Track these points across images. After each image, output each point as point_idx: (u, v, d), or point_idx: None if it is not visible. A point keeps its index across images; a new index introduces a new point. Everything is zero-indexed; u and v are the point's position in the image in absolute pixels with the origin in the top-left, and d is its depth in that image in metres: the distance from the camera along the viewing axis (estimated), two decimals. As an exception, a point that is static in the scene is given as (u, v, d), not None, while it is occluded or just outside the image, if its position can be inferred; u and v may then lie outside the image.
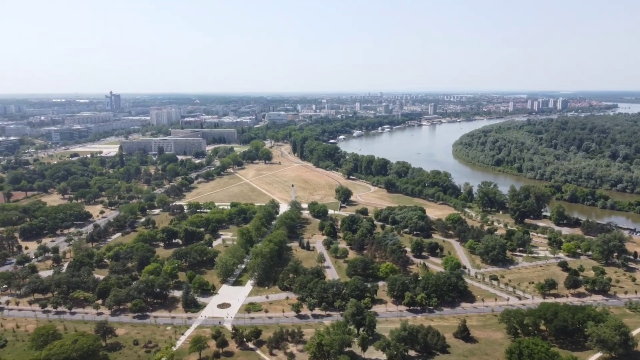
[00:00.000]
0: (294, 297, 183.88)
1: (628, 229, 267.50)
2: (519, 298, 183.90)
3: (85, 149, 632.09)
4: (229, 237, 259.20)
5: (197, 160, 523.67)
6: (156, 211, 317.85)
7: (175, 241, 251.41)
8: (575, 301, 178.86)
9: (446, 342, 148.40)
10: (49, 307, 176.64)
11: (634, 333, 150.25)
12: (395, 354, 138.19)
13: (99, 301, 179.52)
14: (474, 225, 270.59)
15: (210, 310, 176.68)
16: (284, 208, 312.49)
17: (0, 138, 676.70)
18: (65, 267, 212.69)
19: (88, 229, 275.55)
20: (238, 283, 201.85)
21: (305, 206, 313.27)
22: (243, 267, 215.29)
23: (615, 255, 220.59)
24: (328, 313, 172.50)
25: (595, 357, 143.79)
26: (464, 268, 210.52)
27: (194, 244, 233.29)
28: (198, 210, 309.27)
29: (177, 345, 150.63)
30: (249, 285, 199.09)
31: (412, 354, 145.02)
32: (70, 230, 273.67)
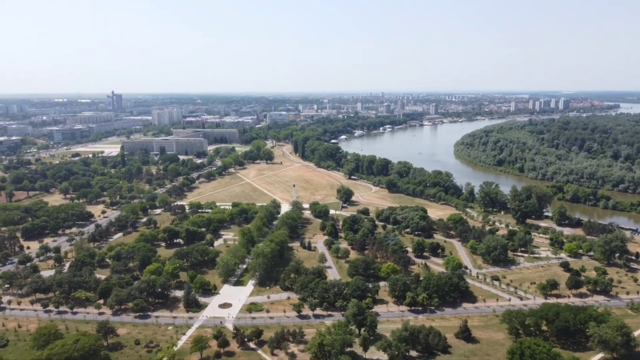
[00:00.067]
0: (295, 297, 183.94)
1: (630, 229, 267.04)
2: (521, 298, 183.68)
3: (86, 149, 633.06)
4: (231, 237, 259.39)
5: (199, 160, 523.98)
6: (158, 211, 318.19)
7: (177, 241, 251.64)
8: (577, 302, 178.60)
9: (447, 343, 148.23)
10: (51, 307, 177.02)
11: (636, 334, 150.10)
12: (396, 354, 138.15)
13: (101, 301, 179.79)
14: (476, 225, 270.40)
15: (212, 310, 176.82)
16: (285, 208, 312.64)
17: (2, 138, 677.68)
18: (66, 267, 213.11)
19: (90, 228, 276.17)
20: (239, 283, 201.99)
21: (306, 206, 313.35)
22: (244, 267, 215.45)
23: (617, 255, 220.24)
24: (329, 313, 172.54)
25: (596, 358, 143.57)
26: (466, 268, 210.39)
27: (195, 244, 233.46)
28: (199, 210, 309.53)
29: (179, 345, 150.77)
30: (251, 285, 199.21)
31: (414, 355, 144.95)
32: (72, 230, 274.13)
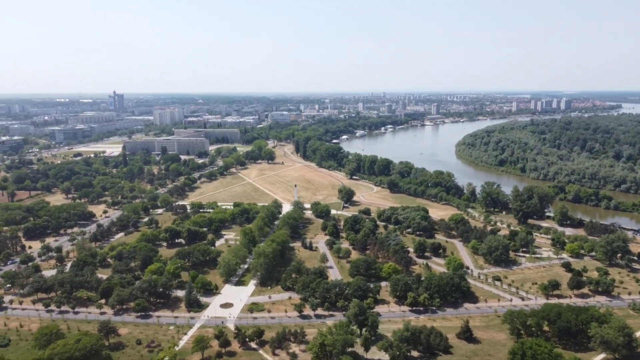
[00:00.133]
0: (296, 297, 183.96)
1: (632, 229, 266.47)
2: (522, 299, 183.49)
3: (88, 149, 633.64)
4: (232, 237, 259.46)
5: (200, 160, 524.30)
6: (159, 211, 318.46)
7: (178, 241, 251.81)
8: (579, 302, 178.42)
9: (449, 343, 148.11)
10: (52, 307, 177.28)
11: (638, 334, 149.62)
12: (397, 354, 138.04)
13: (102, 301, 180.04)
14: (477, 225, 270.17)
15: (213, 310, 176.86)
16: (286, 208, 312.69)
17: (4, 138, 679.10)
18: (68, 267, 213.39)
19: (91, 228, 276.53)
20: (241, 283, 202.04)
21: (308, 206, 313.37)
22: (246, 267, 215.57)
23: (619, 256, 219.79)
24: (331, 313, 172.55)
25: (598, 358, 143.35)
26: (467, 268, 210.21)
27: (196, 244, 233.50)
28: (201, 210, 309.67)
29: (180, 345, 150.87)
30: (252, 285, 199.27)
31: (415, 355, 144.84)
32: (74, 230, 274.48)
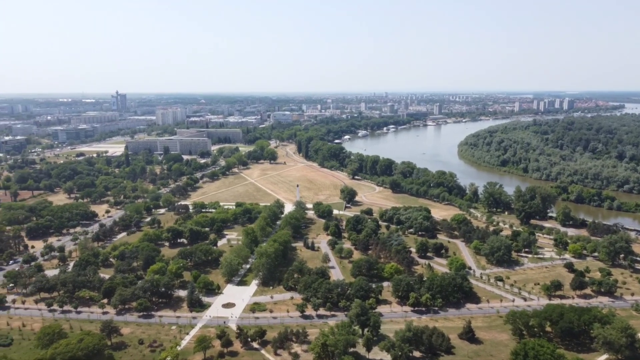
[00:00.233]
0: (298, 297, 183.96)
1: (635, 230, 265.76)
2: (525, 299, 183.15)
3: (91, 149, 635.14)
4: (234, 237, 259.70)
5: (203, 160, 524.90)
6: (161, 211, 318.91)
7: (181, 241, 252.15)
8: (581, 303, 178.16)
9: (451, 343, 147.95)
10: (55, 306, 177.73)
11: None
12: (399, 354, 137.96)
13: (105, 300, 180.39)
14: (479, 226, 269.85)
15: (215, 310, 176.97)
16: (288, 208, 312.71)
17: (7, 137, 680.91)
18: (71, 266, 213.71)
19: (94, 228, 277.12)
20: (243, 283, 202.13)
21: (310, 206, 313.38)
22: (248, 267, 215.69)
23: (622, 256, 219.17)
24: (333, 313, 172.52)
25: (601, 359, 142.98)
26: (469, 269, 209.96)
27: (199, 244, 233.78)
28: (203, 210, 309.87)
29: (182, 345, 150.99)
30: (254, 285, 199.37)
31: (417, 355, 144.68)
32: (76, 230, 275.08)
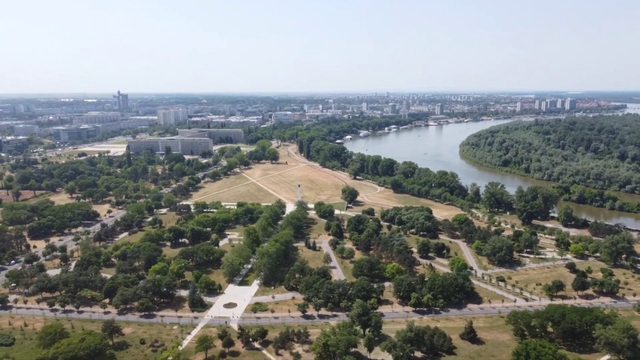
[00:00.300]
0: (300, 297, 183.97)
1: (637, 230, 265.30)
2: (526, 299, 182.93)
3: (93, 149, 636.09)
4: (236, 237, 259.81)
5: (204, 160, 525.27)
6: (163, 211, 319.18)
7: (182, 241, 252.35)
8: (583, 303, 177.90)
9: (452, 344, 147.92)
10: (57, 306, 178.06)
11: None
12: (401, 355, 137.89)
13: (106, 300, 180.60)
14: (481, 226, 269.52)
15: (217, 309, 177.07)
16: (290, 208, 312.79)
17: (9, 137, 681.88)
18: (72, 266, 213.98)
19: (95, 228, 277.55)
20: (244, 283, 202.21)
21: (311, 206, 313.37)
22: (249, 267, 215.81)
23: (624, 257, 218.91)
24: (334, 313, 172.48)
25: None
26: (471, 269, 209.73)
27: (200, 244, 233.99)
28: (205, 210, 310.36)
29: (184, 345, 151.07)
30: (255, 285, 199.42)
31: (418, 355, 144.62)
32: (78, 230, 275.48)
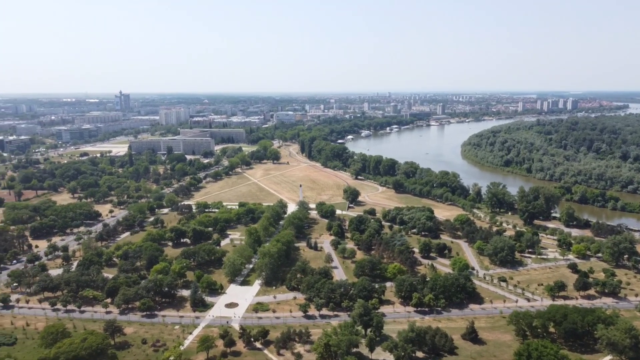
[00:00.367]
0: (301, 297, 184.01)
1: (639, 230, 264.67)
2: (528, 300, 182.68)
3: (94, 149, 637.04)
4: (237, 237, 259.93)
5: (206, 160, 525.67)
6: (165, 210, 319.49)
7: (184, 240, 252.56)
8: (585, 303, 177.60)
9: (454, 344, 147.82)
10: (59, 306, 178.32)
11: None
12: (402, 355, 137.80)
13: (108, 300, 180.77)
14: (483, 226, 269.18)
15: (218, 309, 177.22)
16: (291, 208, 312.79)
17: (12, 137, 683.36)
18: (74, 266, 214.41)
19: (97, 228, 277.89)
20: (246, 283, 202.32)
21: (313, 206, 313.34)
22: (251, 267, 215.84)
23: (626, 257, 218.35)
24: (335, 313, 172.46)
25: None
26: (472, 269, 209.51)
27: (202, 244, 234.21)
28: (206, 210, 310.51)
29: (185, 345, 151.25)
30: (257, 285, 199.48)
31: (420, 356, 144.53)
32: (80, 229, 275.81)
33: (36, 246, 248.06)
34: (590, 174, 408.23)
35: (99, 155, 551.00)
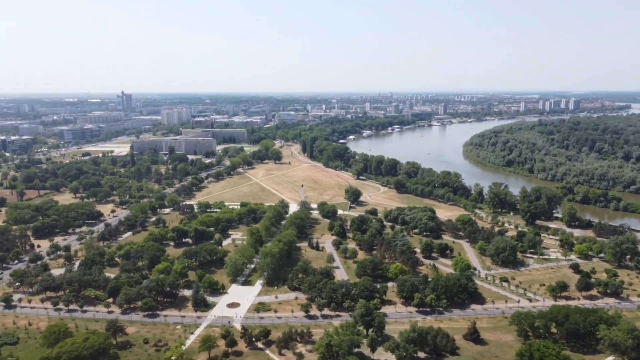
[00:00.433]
0: (303, 297, 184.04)
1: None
2: (530, 300, 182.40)
3: (96, 148, 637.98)
4: (239, 237, 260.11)
5: (208, 160, 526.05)
6: (166, 210, 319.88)
7: (186, 240, 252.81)
8: (587, 304, 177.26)
9: (456, 344, 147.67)
10: (61, 305, 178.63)
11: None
12: (404, 355, 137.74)
13: (110, 300, 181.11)
14: (485, 226, 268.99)
15: (220, 309, 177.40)
16: (293, 208, 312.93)
17: (14, 137, 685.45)
18: (76, 266, 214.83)
19: (99, 227, 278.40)
20: (247, 283, 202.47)
21: (314, 206, 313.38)
22: (252, 267, 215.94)
23: (628, 257, 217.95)
24: (337, 313, 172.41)
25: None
26: (474, 269, 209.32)
27: (203, 244, 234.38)
28: (208, 210, 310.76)
29: (187, 344, 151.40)
30: (258, 285, 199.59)
31: (422, 356, 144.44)
32: (82, 229, 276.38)
33: (38, 246, 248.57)
34: (592, 174, 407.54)
35: (101, 155, 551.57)
